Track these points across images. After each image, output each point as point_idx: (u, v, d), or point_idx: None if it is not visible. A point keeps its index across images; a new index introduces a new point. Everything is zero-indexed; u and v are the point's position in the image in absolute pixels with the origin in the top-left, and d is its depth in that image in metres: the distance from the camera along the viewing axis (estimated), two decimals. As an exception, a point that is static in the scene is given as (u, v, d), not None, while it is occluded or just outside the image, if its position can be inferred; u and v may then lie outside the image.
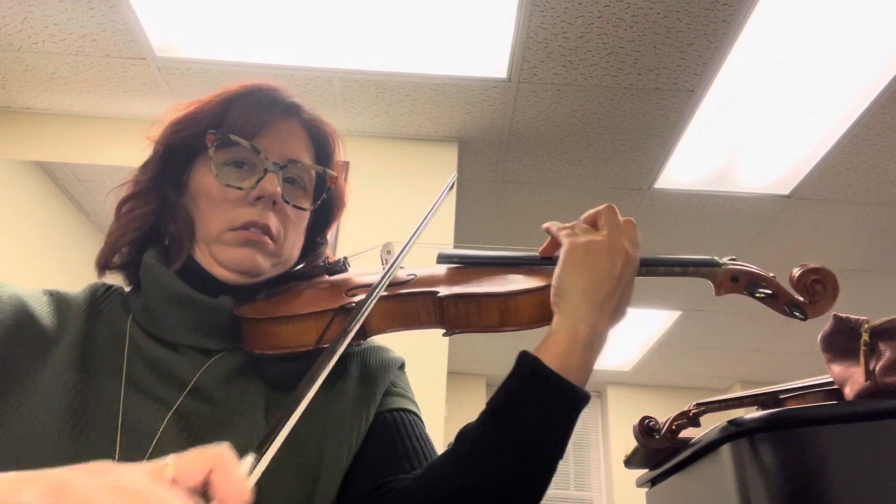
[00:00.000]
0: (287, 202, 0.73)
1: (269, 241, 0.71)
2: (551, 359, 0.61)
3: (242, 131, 0.71)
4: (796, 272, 0.72)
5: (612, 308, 0.65)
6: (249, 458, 0.39)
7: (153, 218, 0.73)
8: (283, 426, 0.45)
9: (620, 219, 0.70)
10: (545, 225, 0.74)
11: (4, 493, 0.31)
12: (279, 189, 0.71)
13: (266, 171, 0.71)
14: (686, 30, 2.13)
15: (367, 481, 0.66)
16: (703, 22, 2.10)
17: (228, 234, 0.70)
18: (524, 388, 0.60)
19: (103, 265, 0.74)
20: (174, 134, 0.74)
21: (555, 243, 0.73)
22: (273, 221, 0.72)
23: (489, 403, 0.62)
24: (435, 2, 2.10)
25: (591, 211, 0.72)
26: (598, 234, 0.68)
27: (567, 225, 0.71)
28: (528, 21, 2.13)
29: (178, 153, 0.74)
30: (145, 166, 0.76)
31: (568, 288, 0.65)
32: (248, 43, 2.32)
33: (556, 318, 0.65)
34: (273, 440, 0.44)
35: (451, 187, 0.87)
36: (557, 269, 0.67)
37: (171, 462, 0.34)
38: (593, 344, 0.63)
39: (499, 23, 2.16)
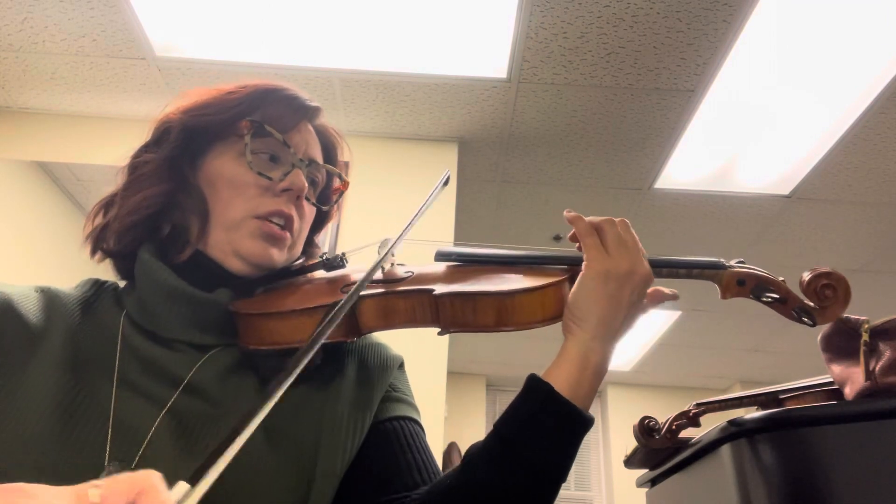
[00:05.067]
0: (308, 199, 0.76)
1: (289, 237, 0.73)
2: (562, 385, 0.61)
3: (276, 125, 0.73)
4: (806, 276, 0.70)
5: (623, 332, 0.66)
6: (182, 487, 0.36)
7: (165, 199, 0.71)
8: (221, 456, 0.40)
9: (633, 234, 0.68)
10: (570, 215, 0.70)
11: None
12: (306, 185, 0.73)
13: (294, 165, 0.73)
14: (686, 30, 2.13)
15: (366, 496, 0.65)
16: (703, 22, 2.10)
17: (252, 222, 0.70)
18: (537, 415, 0.60)
19: (96, 244, 0.72)
20: (201, 116, 0.73)
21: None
22: (295, 215, 0.73)
23: (501, 427, 0.61)
24: (435, 2, 2.10)
25: (600, 221, 0.68)
26: (621, 254, 0.66)
27: (595, 224, 0.68)
28: (528, 21, 2.13)
29: (199, 135, 0.73)
30: (157, 144, 0.74)
31: (584, 314, 0.64)
32: (249, 43, 2.32)
33: (568, 341, 0.65)
34: (208, 471, 0.39)
35: (445, 183, 0.86)
36: (574, 290, 0.66)
37: (99, 484, 0.34)
38: (602, 370, 0.64)
39: (499, 23, 2.16)
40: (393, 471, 0.67)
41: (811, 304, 0.69)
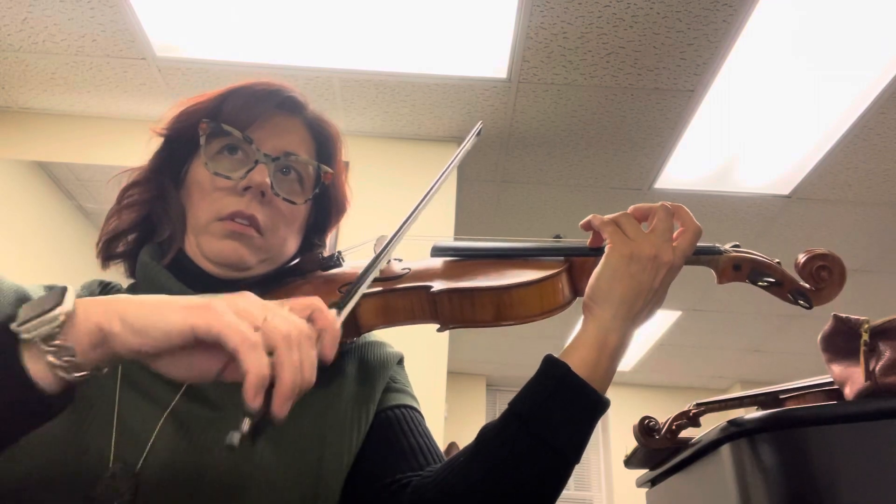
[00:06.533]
0: (277, 195, 0.72)
1: (256, 234, 0.71)
2: (579, 365, 0.62)
3: (236, 122, 0.71)
4: (802, 258, 0.71)
5: (643, 318, 0.66)
6: (334, 311, 0.52)
7: (148, 207, 0.74)
8: (356, 291, 0.59)
9: (674, 222, 0.67)
10: (585, 220, 0.70)
11: (207, 314, 0.45)
12: (268, 180, 0.70)
13: (257, 161, 0.71)
14: (686, 30, 2.13)
15: (371, 481, 0.65)
16: (703, 22, 2.10)
17: (215, 225, 0.70)
18: (554, 396, 0.61)
19: (104, 255, 0.75)
20: (175, 126, 0.75)
21: (600, 236, 0.70)
22: (260, 213, 0.71)
23: (516, 407, 0.61)
24: (435, 2, 2.10)
25: (644, 206, 0.69)
26: (646, 239, 0.65)
27: (611, 217, 0.68)
28: (528, 21, 2.13)
29: (177, 146, 0.75)
30: (151, 157, 0.78)
31: (604, 295, 0.64)
32: (249, 43, 2.32)
33: (586, 322, 0.65)
34: (349, 300, 0.57)
35: (478, 134, 0.86)
36: (597, 270, 0.66)
37: (287, 303, 0.48)
38: (620, 353, 0.65)
39: (499, 23, 2.16)
40: (395, 455, 0.67)
41: (807, 285, 0.70)
